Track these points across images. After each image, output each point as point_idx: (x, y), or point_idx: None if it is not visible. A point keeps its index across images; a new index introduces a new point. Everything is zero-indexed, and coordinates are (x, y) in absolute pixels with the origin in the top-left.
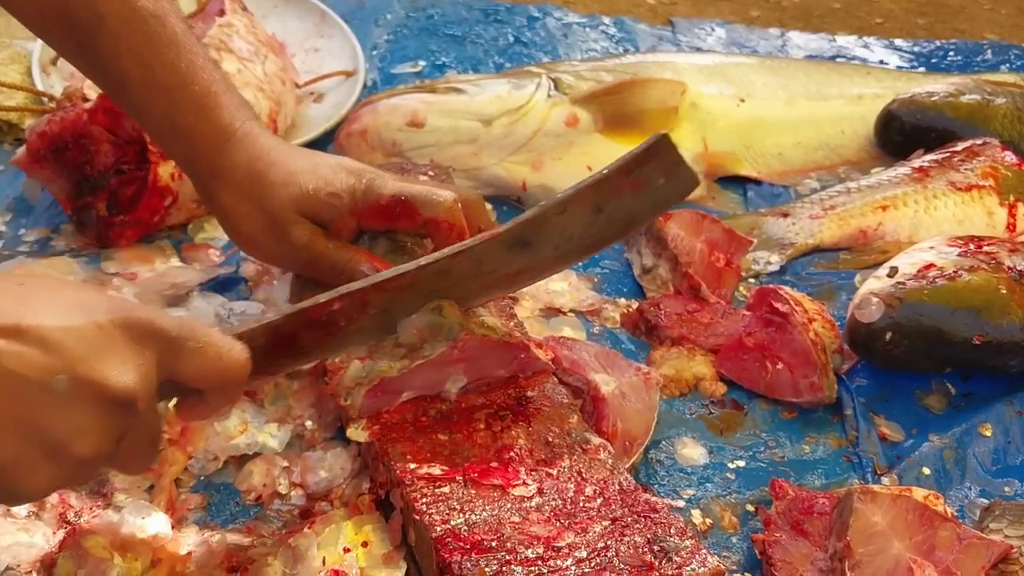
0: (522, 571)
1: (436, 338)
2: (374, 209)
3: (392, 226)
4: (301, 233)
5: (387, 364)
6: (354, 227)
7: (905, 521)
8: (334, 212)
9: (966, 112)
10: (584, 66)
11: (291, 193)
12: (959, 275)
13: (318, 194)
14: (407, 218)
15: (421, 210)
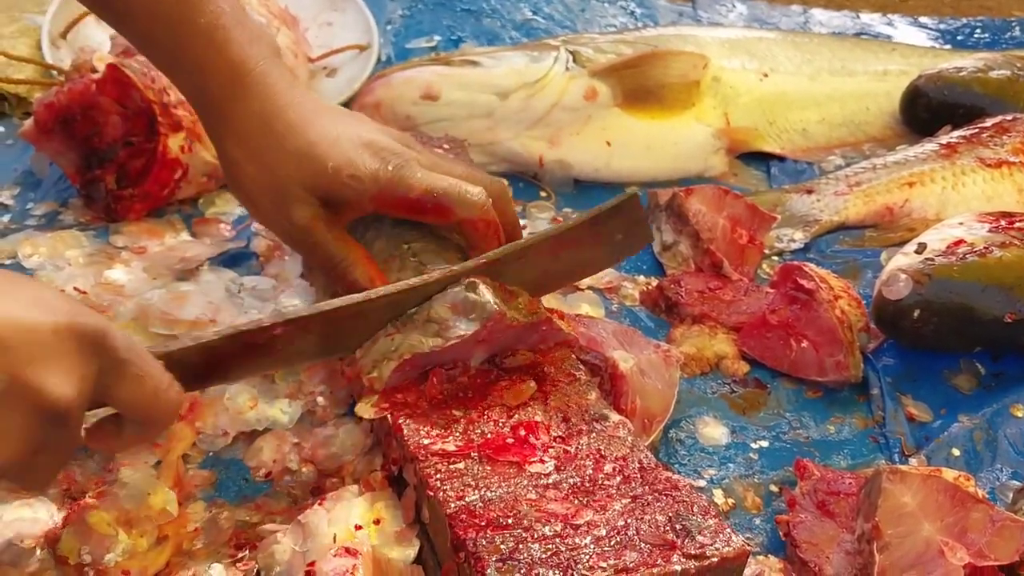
0: (539, 548)
1: (469, 315)
2: (401, 201)
3: (419, 219)
4: (302, 214)
5: (418, 339)
6: (369, 211)
7: (936, 502)
8: (352, 195)
9: (995, 88)
10: (604, 39)
11: (305, 167)
12: (990, 251)
13: (338, 174)
14: (438, 215)
15: (456, 210)
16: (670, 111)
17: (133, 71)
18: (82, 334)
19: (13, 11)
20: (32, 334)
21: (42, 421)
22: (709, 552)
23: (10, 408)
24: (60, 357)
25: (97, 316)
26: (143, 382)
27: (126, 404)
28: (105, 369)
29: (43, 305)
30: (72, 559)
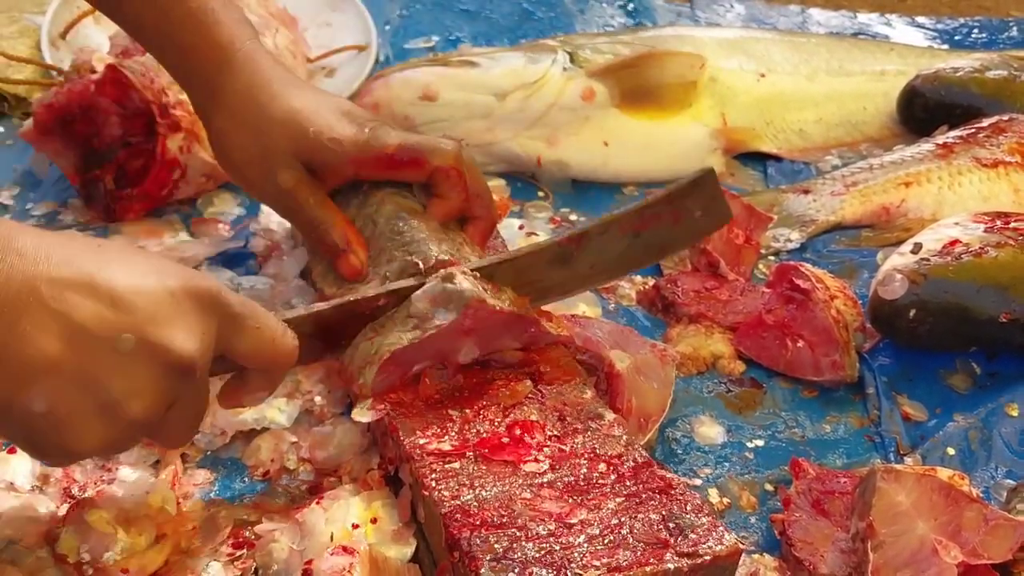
0: (533, 548)
1: (447, 306)
2: (379, 159)
3: (396, 177)
4: (288, 177)
5: (397, 336)
6: (350, 175)
7: (930, 501)
8: (333, 157)
9: (992, 88)
10: (601, 39)
11: (289, 132)
12: (985, 251)
13: (319, 137)
14: (414, 168)
15: (430, 159)
16: (667, 111)
17: (132, 72)
18: (197, 295)
19: (13, 11)
20: (151, 295)
21: (171, 376)
22: (702, 550)
23: (141, 365)
24: (181, 316)
25: (210, 278)
26: (260, 333)
27: (247, 354)
28: (223, 325)
29: (159, 270)
30: (71, 557)
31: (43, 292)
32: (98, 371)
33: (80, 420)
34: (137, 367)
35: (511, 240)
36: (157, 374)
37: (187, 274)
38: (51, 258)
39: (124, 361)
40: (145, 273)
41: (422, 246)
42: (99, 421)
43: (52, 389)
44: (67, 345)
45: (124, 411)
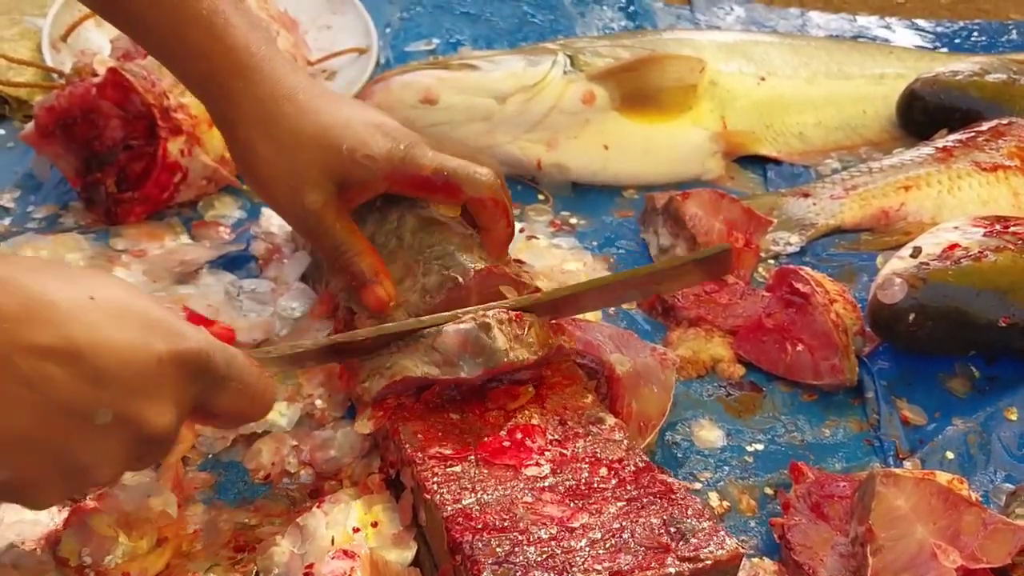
0: (534, 552)
1: (476, 358)
2: (413, 180)
3: (428, 198)
4: (316, 199)
5: (414, 363)
6: (382, 190)
7: (929, 505)
8: (366, 174)
9: (991, 92)
10: (601, 43)
11: (321, 149)
12: (985, 256)
13: (353, 154)
14: (448, 194)
15: (465, 189)
16: (667, 115)
17: (133, 75)
18: (183, 361)
19: (14, 13)
20: (136, 367)
21: (142, 445)
22: (703, 555)
23: (114, 437)
24: (162, 387)
25: (199, 337)
26: (241, 393)
27: (224, 410)
28: (206, 388)
29: (148, 333)
30: (73, 561)
31: (21, 364)
32: (69, 442)
33: (43, 483)
34: (110, 440)
35: (511, 244)
36: (129, 445)
37: (177, 335)
38: (33, 320)
39: (97, 433)
40: (134, 336)
41: (457, 258)
42: (63, 483)
43: (19, 460)
44: (41, 420)
45: (90, 476)
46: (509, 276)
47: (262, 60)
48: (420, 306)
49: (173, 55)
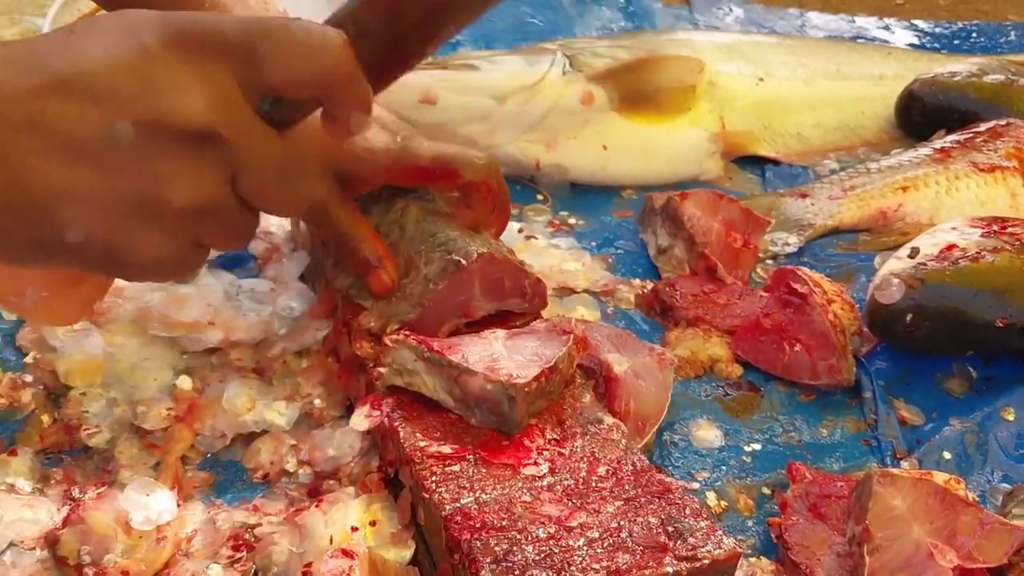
0: (533, 551)
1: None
2: (412, 170)
3: (427, 186)
4: (321, 189)
5: (433, 386)
6: (381, 184)
7: (926, 505)
8: (366, 168)
9: (989, 93)
10: (600, 43)
11: (320, 144)
12: (982, 256)
13: (352, 148)
14: (446, 180)
15: (463, 173)
16: (666, 115)
17: None
18: (182, 43)
19: (13, 13)
20: (127, 67)
21: (191, 146)
22: (700, 554)
23: (153, 148)
24: (168, 76)
25: (195, 17)
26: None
27: (288, 81)
28: (235, 61)
29: (130, 33)
30: (72, 559)
31: (21, 114)
32: (111, 176)
33: (127, 235)
34: (149, 153)
35: (510, 243)
36: (174, 150)
37: (165, 20)
38: (18, 73)
39: (132, 152)
40: (117, 42)
41: (459, 243)
42: (147, 227)
43: (76, 216)
44: (65, 162)
45: (166, 203)
46: (513, 264)
47: None
48: (424, 295)
49: None
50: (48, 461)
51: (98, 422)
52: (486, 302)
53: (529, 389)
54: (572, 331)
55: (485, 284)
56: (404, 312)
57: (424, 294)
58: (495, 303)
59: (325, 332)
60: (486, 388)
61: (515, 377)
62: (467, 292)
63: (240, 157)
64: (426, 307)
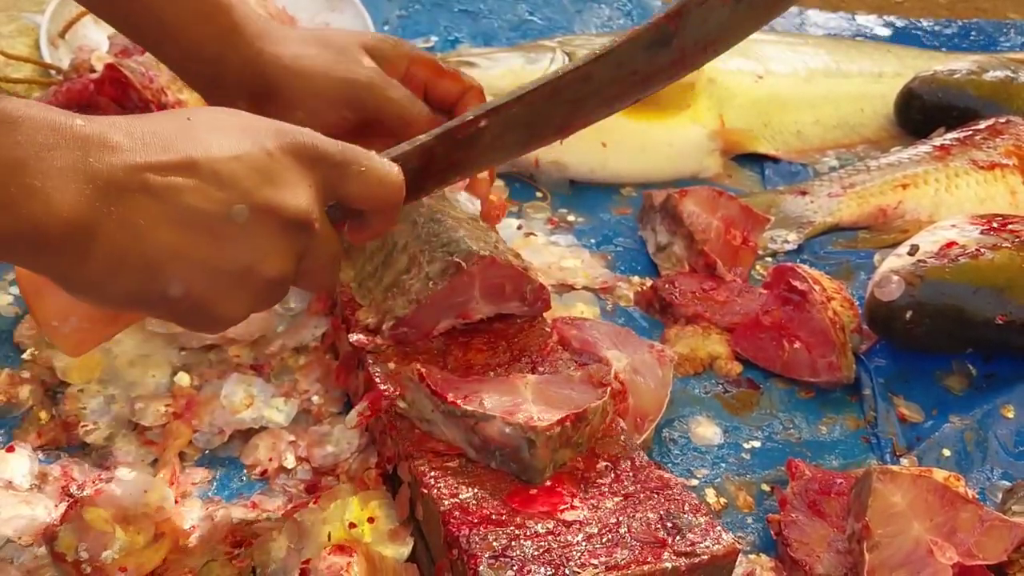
0: (531, 546)
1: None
2: (429, 61)
3: (435, 82)
4: (370, 64)
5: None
6: (403, 71)
7: (926, 502)
8: (391, 50)
9: (989, 90)
10: (599, 40)
11: (348, 36)
12: (982, 253)
13: (371, 37)
14: (453, 80)
15: (467, 80)
16: (665, 112)
17: (131, 71)
18: (295, 150)
19: (11, 10)
20: (251, 162)
21: (291, 232)
22: (699, 550)
23: (260, 231)
24: (284, 175)
25: (304, 131)
26: (366, 175)
27: (359, 197)
28: (328, 174)
29: (252, 133)
30: (69, 556)
31: (146, 183)
32: (222, 247)
33: (219, 294)
34: (257, 233)
35: (509, 240)
36: (278, 233)
37: (281, 130)
38: (148, 147)
39: (243, 230)
40: (240, 140)
41: (462, 245)
42: (239, 290)
43: (182, 274)
44: (183, 230)
45: (259, 275)
46: (515, 269)
47: (267, 21)
48: (421, 293)
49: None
50: (46, 458)
51: (96, 419)
52: (485, 305)
53: (551, 434)
54: (609, 384)
55: (485, 287)
56: (400, 308)
57: (422, 291)
58: (494, 306)
59: (323, 329)
60: (504, 432)
61: (536, 421)
62: (466, 294)
63: (316, 246)
64: (422, 304)
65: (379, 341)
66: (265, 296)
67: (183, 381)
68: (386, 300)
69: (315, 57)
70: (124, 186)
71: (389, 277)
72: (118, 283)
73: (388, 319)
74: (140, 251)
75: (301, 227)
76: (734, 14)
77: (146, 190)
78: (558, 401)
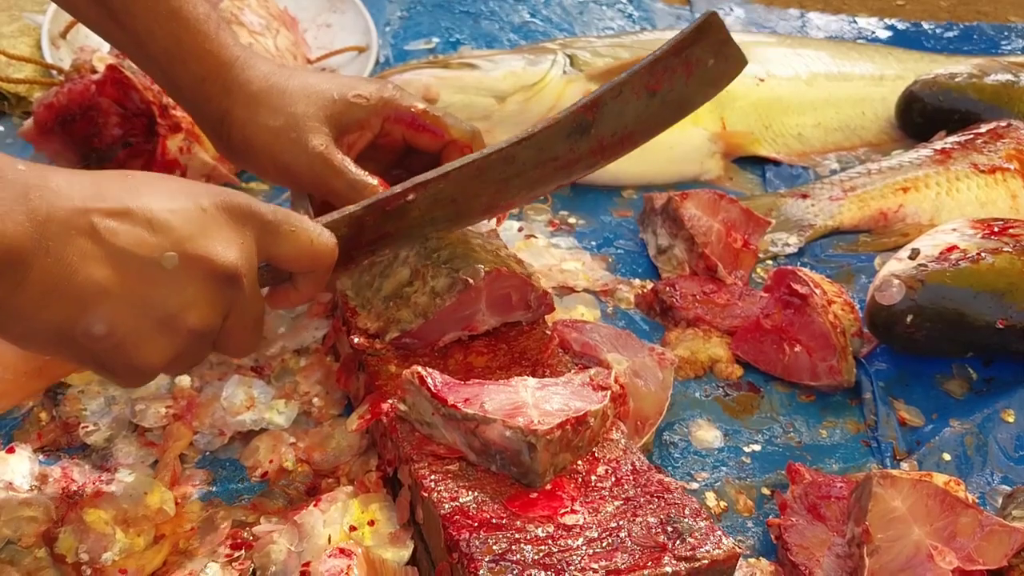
0: (531, 550)
1: (512, 467)
2: (404, 115)
3: (414, 138)
4: (320, 142)
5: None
6: (375, 131)
7: (926, 507)
8: (360, 112)
9: (990, 94)
10: (601, 43)
11: (314, 101)
12: (982, 258)
13: (344, 97)
14: (433, 135)
15: (451, 131)
16: None
17: (133, 72)
18: (228, 209)
19: (13, 10)
20: (185, 214)
21: (218, 284)
22: (699, 554)
23: (189, 280)
24: (217, 229)
25: (238, 193)
26: (297, 236)
27: (290, 258)
28: (260, 234)
29: (187, 191)
30: (70, 558)
31: (82, 223)
32: (149, 290)
33: (141, 337)
34: (185, 281)
35: (510, 242)
36: (205, 284)
37: (216, 191)
38: (85, 192)
39: (172, 277)
40: (175, 195)
41: (467, 260)
42: (160, 336)
43: (108, 312)
44: (115, 270)
45: (182, 323)
46: (519, 278)
47: (249, 55)
48: (430, 308)
49: (173, 59)
50: (46, 459)
51: (96, 420)
52: (491, 317)
53: (551, 438)
54: (610, 387)
55: (492, 300)
56: (406, 320)
57: (429, 307)
58: (500, 317)
59: (324, 331)
60: (505, 435)
61: (536, 424)
62: (472, 307)
63: (242, 304)
64: (429, 320)
65: (378, 346)
66: (185, 348)
67: (184, 383)
68: (388, 309)
69: (265, 133)
70: (61, 224)
71: (389, 287)
72: (46, 315)
73: (393, 329)
74: (70, 285)
75: (229, 280)
76: (647, 108)
77: (82, 230)
78: (559, 405)
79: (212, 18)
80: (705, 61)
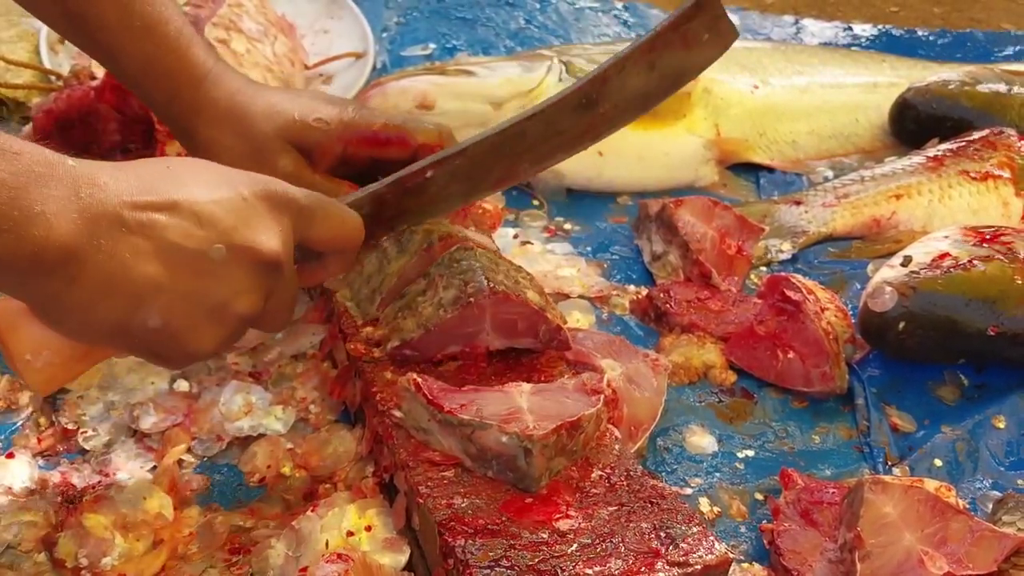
0: (526, 556)
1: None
2: (365, 136)
3: (381, 153)
4: (287, 162)
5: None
6: (339, 153)
7: (917, 512)
8: (321, 136)
9: (982, 101)
10: (596, 49)
11: (276, 122)
12: (974, 265)
13: (305, 119)
14: (399, 146)
15: (415, 136)
16: (662, 122)
17: None
18: (267, 197)
19: (12, 15)
20: (228, 205)
21: (263, 271)
22: (692, 560)
23: (236, 268)
24: (259, 219)
25: (275, 180)
26: (329, 218)
27: (322, 240)
28: (296, 219)
29: (228, 180)
30: (69, 562)
31: (131, 220)
32: (200, 282)
33: (194, 327)
34: (233, 271)
35: (505, 249)
36: (251, 272)
37: (253, 179)
38: (132, 186)
39: (220, 268)
40: (218, 186)
41: (480, 275)
42: (211, 324)
43: (163, 306)
44: (166, 264)
45: (231, 310)
46: (530, 308)
47: (212, 67)
48: (432, 319)
49: (142, 77)
50: (45, 464)
51: (95, 425)
52: (496, 338)
53: (547, 442)
54: (603, 391)
55: (496, 321)
56: (409, 330)
57: (432, 318)
58: (505, 340)
59: (321, 337)
60: (501, 440)
61: (532, 429)
62: (476, 325)
63: (281, 287)
64: (431, 331)
65: (376, 354)
66: (232, 332)
67: (182, 388)
68: (396, 318)
69: (229, 155)
70: (111, 221)
71: (403, 297)
72: (103, 310)
73: (394, 338)
74: (126, 281)
75: (272, 267)
76: (647, 81)
77: (131, 226)
78: (553, 410)
79: (184, 33)
80: (700, 36)
